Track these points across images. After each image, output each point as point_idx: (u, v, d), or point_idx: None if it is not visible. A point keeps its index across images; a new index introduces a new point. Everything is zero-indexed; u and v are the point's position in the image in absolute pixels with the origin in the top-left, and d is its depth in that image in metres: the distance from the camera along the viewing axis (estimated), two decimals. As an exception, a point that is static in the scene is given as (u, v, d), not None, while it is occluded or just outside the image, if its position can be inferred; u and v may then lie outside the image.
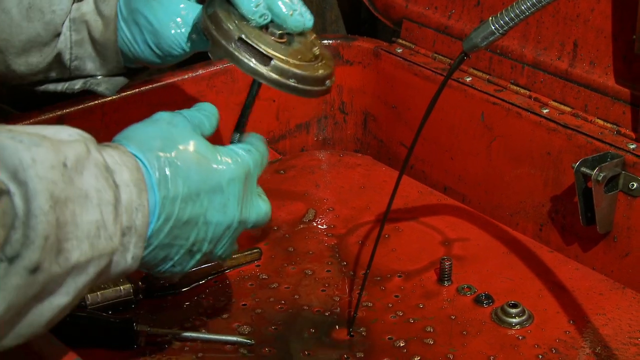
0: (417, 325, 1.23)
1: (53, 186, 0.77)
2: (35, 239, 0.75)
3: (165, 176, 0.91)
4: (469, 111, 1.47)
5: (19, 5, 1.07)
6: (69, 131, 0.84)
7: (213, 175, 0.95)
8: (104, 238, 0.82)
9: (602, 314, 1.25)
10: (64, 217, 0.78)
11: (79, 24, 1.11)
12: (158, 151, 0.92)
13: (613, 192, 1.29)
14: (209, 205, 0.95)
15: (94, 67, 1.13)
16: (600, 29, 1.34)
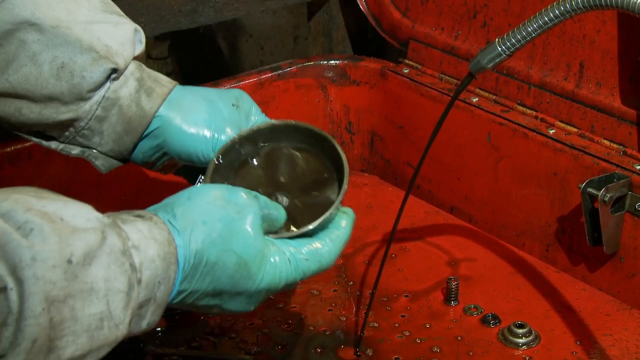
0: (423, 345, 1.23)
1: (51, 287, 0.75)
2: (22, 341, 0.73)
3: (194, 273, 0.90)
4: (476, 131, 1.47)
5: (51, 62, 1.06)
6: (88, 215, 0.82)
7: (247, 286, 0.94)
8: (107, 328, 0.81)
9: (609, 335, 1.25)
10: (60, 315, 0.76)
11: (111, 104, 1.09)
12: (200, 246, 0.90)
13: (620, 213, 1.29)
14: (228, 302, 0.94)
15: (98, 142, 1.11)
16: (607, 50, 1.34)
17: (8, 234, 0.74)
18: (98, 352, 0.81)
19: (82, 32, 1.07)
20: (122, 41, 1.10)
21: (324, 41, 1.82)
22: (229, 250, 0.91)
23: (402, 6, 1.63)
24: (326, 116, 1.65)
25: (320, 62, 1.63)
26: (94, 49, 1.07)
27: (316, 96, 1.64)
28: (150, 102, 1.10)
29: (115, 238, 0.82)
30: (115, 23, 1.10)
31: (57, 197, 0.82)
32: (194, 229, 0.89)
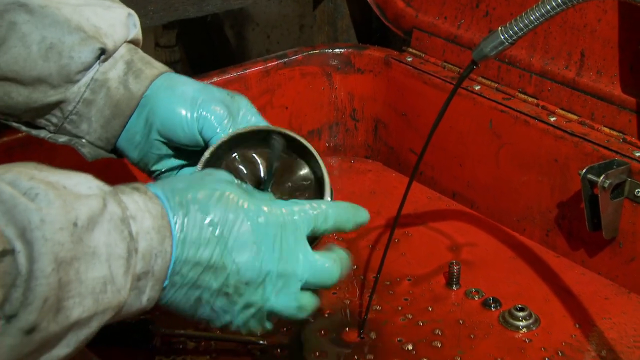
0: (425, 328, 1.23)
1: (59, 248, 0.76)
2: (33, 300, 0.74)
3: (184, 219, 0.89)
4: (478, 119, 1.47)
5: (40, 43, 1.05)
6: (89, 184, 0.82)
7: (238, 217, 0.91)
8: (110, 292, 0.81)
9: (607, 318, 1.25)
10: (67, 276, 0.77)
11: (99, 86, 1.08)
12: (179, 193, 0.89)
13: (619, 199, 1.29)
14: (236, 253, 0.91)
15: (87, 129, 1.10)
16: (607, 39, 1.34)
17: (15, 197, 0.75)
18: (103, 315, 0.81)
19: (71, 12, 1.06)
20: (113, 23, 1.08)
21: (329, 30, 1.82)
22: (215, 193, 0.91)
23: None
24: (331, 104, 1.65)
25: (325, 51, 1.63)
26: (83, 29, 1.06)
27: (321, 84, 1.64)
28: (138, 83, 1.09)
29: (115, 206, 0.82)
30: (107, 6, 1.09)
31: (57, 169, 0.82)
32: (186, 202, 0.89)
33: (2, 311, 0.73)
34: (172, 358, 1.16)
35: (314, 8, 1.84)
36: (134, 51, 1.11)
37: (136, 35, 1.11)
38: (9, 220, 0.74)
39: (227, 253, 0.91)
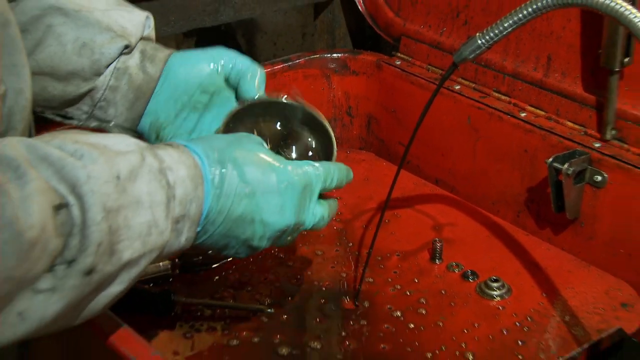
0: (412, 297, 1.23)
1: (106, 198, 0.76)
2: (89, 245, 0.75)
3: (221, 173, 0.90)
4: (458, 115, 1.47)
5: (75, 41, 1.06)
6: (127, 141, 0.83)
7: (269, 176, 0.93)
8: (155, 234, 0.82)
9: (570, 288, 1.25)
10: (116, 223, 0.77)
11: (121, 73, 1.08)
12: (218, 151, 0.91)
13: (580, 184, 1.28)
14: (265, 206, 0.93)
15: (114, 113, 1.10)
16: (571, 45, 1.33)
17: (63, 159, 0.75)
18: (150, 254, 0.82)
19: (101, 16, 1.07)
20: (135, 24, 1.10)
21: (327, 37, 1.81)
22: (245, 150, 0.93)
23: (395, 7, 1.62)
24: (329, 102, 1.64)
25: (324, 55, 1.62)
26: (112, 29, 1.07)
27: (321, 84, 1.63)
28: (154, 66, 1.10)
29: (152, 159, 0.83)
30: (130, 11, 1.11)
31: (98, 133, 0.83)
32: (214, 155, 0.90)
33: (62, 257, 0.73)
34: (190, 324, 1.16)
35: (314, 18, 1.83)
36: (146, 43, 1.11)
37: (150, 33, 1.12)
38: (61, 179, 0.74)
39: (257, 210, 0.93)
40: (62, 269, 0.74)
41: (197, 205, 0.87)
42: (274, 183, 0.93)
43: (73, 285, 0.75)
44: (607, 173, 1.26)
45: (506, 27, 1.00)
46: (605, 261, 1.29)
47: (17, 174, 0.71)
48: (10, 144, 0.74)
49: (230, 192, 0.90)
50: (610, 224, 1.28)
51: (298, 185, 0.95)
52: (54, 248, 0.72)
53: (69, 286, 0.75)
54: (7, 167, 0.71)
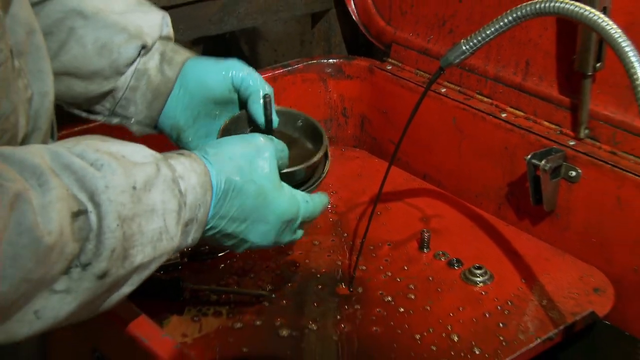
0: (402, 283, 1.22)
1: (121, 207, 0.76)
2: (103, 251, 0.74)
3: (224, 197, 0.90)
4: (444, 116, 1.46)
5: (94, 42, 1.05)
6: (144, 152, 0.82)
7: (266, 212, 0.93)
8: (165, 240, 0.81)
9: (547, 274, 1.24)
10: (130, 230, 0.77)
11: (141, 74, 1.07)
12: (229, 173, 0.90)
13: (556, 179, 1.28)
14: (252, 228, 0.94)
15: (134, 111, 1.09)
16: (547, 51, 1.32)
17: (84, 168, 0.75)
18: (160, 258, 0.82)
19: (118, 17, 1.06)
20: (151, 24, 1.08)
21: (324, 44, 1.81)
22: (250, 180, 0.91)
23: (386, 16, 1.61)
24: (326, 104, 1.63)
25: (321, 61, 1.62)
26: (128, 30, 1.06)
27: (318, 88, 1.62)
28: (171, 69, 1.08)
29: (166, 169, 0.82)
30: (146, 11, 1.09)
31: (118, 140, 0.82)
32: (223, 162, 0.90)
33: (78, 260, 0.73)
34: (198, 308, 1.15)
35: (312, 27, 1.83)
36: (165, 44, 1.10)
37: (168, 32, 1.11)
38: (81, 187, 0.74)
39: (244, 232, 0.93)
40: (78, 271, 0.73)
41: (204, 209, 0.87)
42: (266, 216, 0.93)
43: (87, 288, 0.74)
44: (580, 169, 1.26)
45: (488, 35, 1.00)
46: (579, 249, 1.28)
47: (39, 181, 0.70)
48: (37, 151, 0.74)
49: (226, 215, 0.90)
50: (584, 215, 1.27)
51: (287, 218, 0.96)
52: (71, 252, 0.72)
53: (83, 288, 0.74)
54: (32, 174, 0.71)
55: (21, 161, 0.71)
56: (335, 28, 1.79)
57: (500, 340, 1.10)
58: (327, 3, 1.74)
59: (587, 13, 0.89)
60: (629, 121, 1.24)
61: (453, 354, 1.08)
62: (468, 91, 1.45)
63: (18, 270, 0.67)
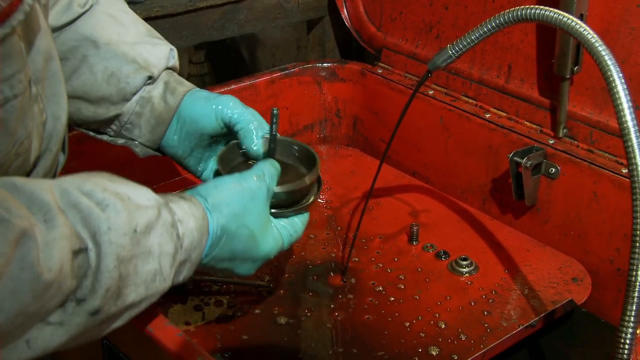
0: (392, 274, 1.22)
1: (120, 249, 0.75)
2: (99, 289, 0.73)
3: (218, 242, 0.89)
4: (432, 116, 1.45)
5: (104, 71, 1.05)
6: (148, 196, 0.81)
7: (253, 253, 0.93)
8: (158, 281, 0.81)
9: (528, 265, 1.24)
10: (126, 270, 0.76)
11: (146, 102, 1.07)
12: (225, 220, 0.89)
13: (537, 176, 1.28)
14: (240, 265, 0.94)
15: (138, 134, 1.09)
16: (528, 55, 1.32)
17: (90, 208, 0.74)
18: (151, 298, 0.81)
19: (128, 49, 1.06)
20: (159, 57, 1.08)
21: (319, 49, 1.80)
22: (244, 225, 0.91)
23: (377, 23, 1.60)
24: (320, 105, 1.63)
25: (316, 65, 1.61)
26: (136, 61, 1.06)
27: (313, 90, 1.62)
28: (174, 98, 1.08)
29: (167, 214, 0.81)
30: (154, 44, 1.09)
31: (125, 180, 0.81)
32: (220, 209, 0.89)
33: (74, 295, 0.72)
34: (200, 298, 1.15)
35: (307, 33, 1.82)
36: (170, 75, 1.10)
37: (174, 64, 1.11)
38: (85, 226, 0.73)
39: (232, 267, 0.93)
40: (72, 306, 0.72)
41: (198, 252, 0.86)
42: (253, 255, 0.94)
43: (79, 322, 0.73)
44: (560, 166, 1.26)
45: (473, 40, 0.99)
46: (559, 241, 1.28)
47: (46, 217, 0.70)
48: (47, 187, 0.73)
49: (218, 256, 0.90)
50: (563, 209, 1.27)
51: (271, 255, 0.96)
52: (68, 287, 0.71)
53: (76, 322, 0.73)
54: (39, 209, 0.70)
55: (31, 194, 0.70)
56: (329, 34, 1.78)
57: (485, 327, 1.10)
58: (322, 11, 1.74)
59: (565, 19, 0.89)
60: (604, 121, 1.24)
61: (441, 340, 1.08)
62: (454, 93, 1.45)
63: (16, 304, 0.66)
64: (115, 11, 1.08)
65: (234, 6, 1.58)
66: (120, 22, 1.07)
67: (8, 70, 0.74)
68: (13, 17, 0.71)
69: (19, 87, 0.75)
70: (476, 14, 1.39)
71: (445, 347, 1.06)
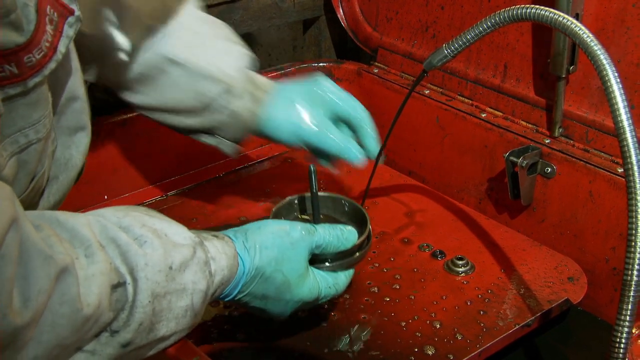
0: (389, 273, 1.22)
1: (155, 286, 0.77)
2: (132, 323, 0.75)
3: (252, 281, 0.90)
4: (427, 115, 1.45)
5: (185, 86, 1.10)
6: (184, 234, 0.83)
7: (286, 297, 0.94)
8: (189, 317, 0.82)
9: (524, 265, 1.24)
10: (160, 306, 0.78)
11: (231, 113, 1.12)
12: (260, 261, 0.90)
13: (533, 175, 1.28)
14: (271, 305, 0.95)
15: (224, 135, 1.15)
16: (524, 55, 1.32)
17: (129, 244, 0.76)
18: (180, 333, 0.83)
19: (206, 64, 1.10)
20: (236, 67, 1.12)
21: (315, 49, 1.80)
22: (279, 270, 0.91)
23: (372, 23, 1.60)
24: (317, 105, 1.62)
25: (312, 64, 1.61)
26: (215, 76, 1.10)
27: (309, 90, 1.61)
28: (259, 108, 1.13)
29: (201, 252, 0.83)
30: (237, 57, 1.13)
31: (162, 217, 0.84)
32: (257, 250, 0.90)
33: (110, 326, 0.74)
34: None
35: (303, 33, 1.82)
36: (252, 81, 1.14)
37: (253, 68, 1.16)
38: (123, 261, 0.75)
39: (263, 306, 0.94)
40: (106, 336, 0.74)
41: (226, 286, 0.89)
42: (285, 299, 0.94)
43: (110, 353, 0.75)
44: (555, 165, 1.26)
45: (468, 39, 0.99)
46: (554, 241, 1.28)
47: (87, 252, 0.72)
48: (87, 222, 0.75)
49: (250, 293, 0.91)
50: (559, 209, 1.27)
51: (305, 302, 0.97)
52: (105, 320, 0.73)
53: (107, 353, 0.75)
54: (80, 244, 0.72)
55: (73, 230, 0.72)
56: (325, 34, 1.78)
57: (481, 326, 1.10)
58: (318, 10, 1.73)
59: (561, 19, 0.89)
60: (600, 120, 1.24)
61: (437, 340, 1.07)
62: (450, 92, 1.45)
63: (54, 336, 0.68)
64: (193, 22, 1.12)
65: (230, 6, 1.57)
66: (198, 34, 1.12)
67: (35, 116, 0.76)
68: (46, 67, 0.74)
69: (42, 131, 0.78)
70: (472, 13, 1.39)
71: (442, 346, 1.06)
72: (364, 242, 1.04)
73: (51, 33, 0.74)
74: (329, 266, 1.00)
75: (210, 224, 1.32)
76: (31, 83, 0.73)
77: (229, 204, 1.39)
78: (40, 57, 0.73)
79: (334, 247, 0.98)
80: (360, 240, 1.03)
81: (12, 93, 0.72)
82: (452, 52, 1.01)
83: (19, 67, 0.71)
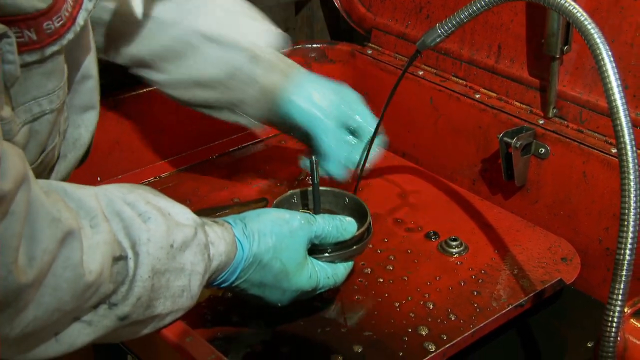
0: (383, 255, 1.22)
1: (156, 262, 0.77)
2: (130, 297, 0.76)
3: (249, 268, 0.91)
4: (421, 96, 1.45)
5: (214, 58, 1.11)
6: (187, 215, 0.84)
7: (283, 285, 0.94)
8: (185, 297, 0.83)
9: (518, 245, 1.24)
10: (159, 283, 0.78)
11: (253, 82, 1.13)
12: (257, 250, 0.90)
13: (527, 156, 1.28)
14: (268, 292, 0.95)
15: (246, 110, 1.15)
16: (518, 35, 1.31)
17: (132, 218, 0.76)
18: (176, 313, 0.83)
19: (237, 39, 1.12)
20: (271, 44, 1.15)
21: (307, 31, 1.79)
22: (277, 258, 0.91)
23: (366, 3, 1.59)
24: (310, 86, 1.62)
25: (305, 46, 1.60)
26: (248, 49, 1.11)
27: (303, 71, 1.61)
28: (279, 76, 1.14)
29: (202, 234, 0.84)
30: (262, 31, 1.15)
31: (166, 197, 0.85)
32: (255, 237, 0.90)
33: (109, 299, 0.74)
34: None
35: (296, 14, 1.81)
36: (282, 61, 1.16)
37: (280, 43, 1.18)
38: (126, 235, 0.76)
39: (260, 294, 0.94)
40: (104, 308, 0.74)
41: (222, 272, 0.89)
42: (283, 287, 0.94)
43: (106, 325, 0.76)
44: (549, 146, 1.26)
45: (462, 19, 0.99)
46: (548, 222, 1.28)
47: (92, 222, 0.72)
48: (94, 194, 0.76)
49: (247, 280, 0.92)
50: (552, 189, 1.27)
51: (302, 291, 0.96)
52: (105, 291, 0.73)
53: (103, 325, 0.75)
54: (86, 214, 0.73)
55: (79, 200, 0.73)
56: (318, 15, 1.77)
57: (474, 307, 1.10)
58: (311, -9, 1.72)
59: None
60: (594, 101, 1.24)
61: (430, 320, 1.08)
62: (444, 73, 1.44)
63: (55, 300, 0.68)
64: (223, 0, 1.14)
65: (222, -14, 1.56)
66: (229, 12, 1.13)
67: (50, 86, 0.77)
68: (64, 36, 0.74)
69: (56, 102, 0.78)
70: (466, -7, 1.38)
71: (435, 327, 1.07)
72: (363, 234, 1.05)
73: (71, 4, 0.74)
74: (328, 257, 1.00)
75: (204, 205, 1.32)
76: (48, 51, 0.73)
77: (222, 186, 1.39)
78: (59, 25, 0.73)
79: (333, 237, 0.98)
80: (360, 232, 1.03)
81: (29, 60, 0.72)
82: (446, 32, 1.01)
83: (38, 34, 0.71)
